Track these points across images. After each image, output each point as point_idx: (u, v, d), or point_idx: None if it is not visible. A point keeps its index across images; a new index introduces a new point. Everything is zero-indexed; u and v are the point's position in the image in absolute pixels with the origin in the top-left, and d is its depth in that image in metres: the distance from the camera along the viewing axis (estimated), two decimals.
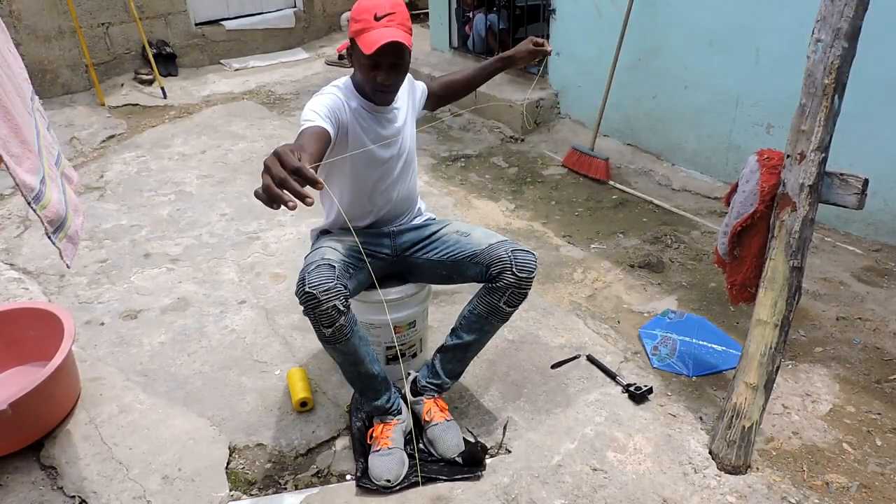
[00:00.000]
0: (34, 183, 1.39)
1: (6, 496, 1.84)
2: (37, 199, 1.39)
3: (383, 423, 1.93)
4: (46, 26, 4.88)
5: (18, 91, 1.55)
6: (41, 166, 1.46)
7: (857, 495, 1.81)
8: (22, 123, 1.43)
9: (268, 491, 1.87)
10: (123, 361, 2.37)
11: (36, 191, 1.39)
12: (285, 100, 5.16)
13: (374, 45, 1.66)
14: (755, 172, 1.89)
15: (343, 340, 1.71)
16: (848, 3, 1.62)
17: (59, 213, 1.47)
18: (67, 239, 1.50)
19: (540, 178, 3.86)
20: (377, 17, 1.69)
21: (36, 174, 1.41)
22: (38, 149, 1.50)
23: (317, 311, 1.64)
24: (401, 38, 1.68)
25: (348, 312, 1.69)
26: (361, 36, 1.70)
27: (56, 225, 1.45)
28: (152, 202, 3.56)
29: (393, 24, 1.70)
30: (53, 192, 1.48)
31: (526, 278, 1.80)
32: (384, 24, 1.69)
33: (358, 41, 1.71)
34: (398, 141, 1.93)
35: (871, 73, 2.63)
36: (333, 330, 1.67)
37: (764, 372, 1.85)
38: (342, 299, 1.66)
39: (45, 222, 1.42)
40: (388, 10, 1.70)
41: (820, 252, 2.97)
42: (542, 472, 1.89)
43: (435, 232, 1.99)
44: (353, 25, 1.74)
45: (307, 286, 1.63)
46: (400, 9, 1.72)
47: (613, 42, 3.69)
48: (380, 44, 1.66)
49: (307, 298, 1.63)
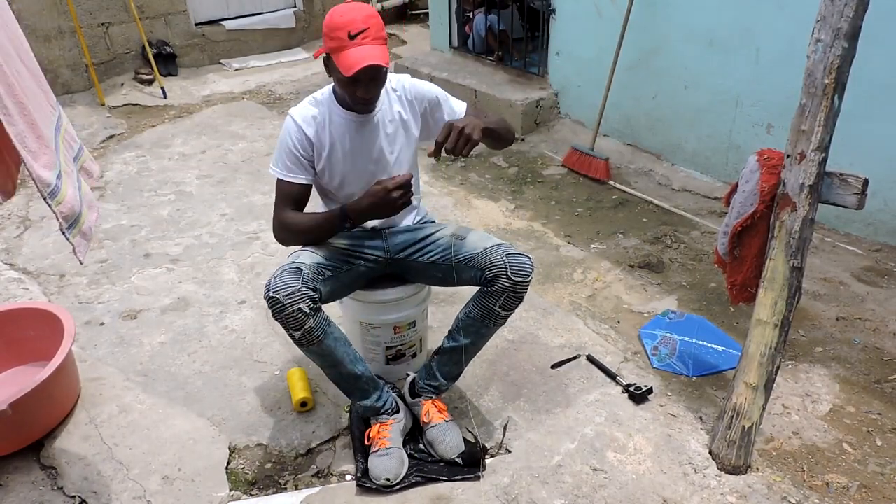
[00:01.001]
0: (50, 178, 1.40)
1: (6, 496, 1.84)
2: (52, 194, 1.40)
3: (379, 422, 1.93)
4: (46, 26, 4.88)
5: (41, 85, 1.56)
6: (57, 161, 1.47)
7: (857, 495, 1.81)
8: (40, 119, 1.44)
9: (268, 491, 1.87)
10: (123, 361, 2.37)
11: (52, 186, 1.40)
12: (285, 100, 5.16)
13: (352, 69, 1.65)
14: (755, 172, 1.89)
15: (315, 343, 1.73)
16: (848, 3, 1.62)
17: (74, 209, 1.48)
18: (81, 235, 1.51)
19: (540, 178, 3.86)
20: (351, 35, 1.66)
21: (52, 169, 1.42)
22: (55, 143, 1.51)
23: (282, 315, 1.67)
24: (378, 58, 1.66)
25: (316, 315, 1.71)
26: (338, 55, 1.68)
27: (70, 220, 1.46)
28: (152, 202, 3.56)
29: (367, 40, 1.67)
30: (69, 187, 1.49)
31: (521, 283, 1.80)
32: (359, 41, 1.66)
33: (335, 60, 1.69)
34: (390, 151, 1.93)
35: (871, 73, 2.63)
36: (302, 333, 1.70)
37: (764, 372, 1.85)
38: (308, 302, 1.67)
39: (60, 217, 1.43)
40: (362, 25, 1.66)
41: (820, 252, 2.97)
42: (542, 472, 1.89)
43: (430, 234, 1.98)
44: (327, 41, 1.71)
45: (271, 290, 1.67)
46: (373, 21, 1.69)
47: (613, 42, 3.69)
48: (357, 68, 1.65)
49: (272, 303, 1.67)
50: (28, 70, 1.50)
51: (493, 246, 1.84)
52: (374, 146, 1.89)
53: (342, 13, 1.67)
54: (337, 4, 1.76)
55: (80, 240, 1.50)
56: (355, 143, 1.87)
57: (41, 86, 1.57)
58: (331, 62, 1.73)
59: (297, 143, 1.83)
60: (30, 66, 1.52)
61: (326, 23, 1.70)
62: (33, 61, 1.57)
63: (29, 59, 1.54)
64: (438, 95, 1.97)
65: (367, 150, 1.89)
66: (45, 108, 1.53)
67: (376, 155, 1.90)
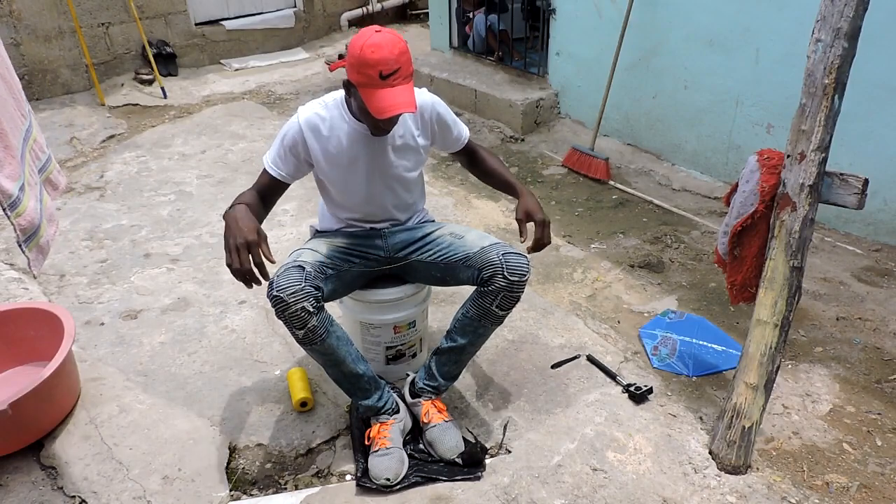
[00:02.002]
0: (12, 189, 1.38)
1: (6, 496, 1.84)
2: (13, 206, 1.38)
3: (380, 422, 1.93)
4: (46, 26, 4.88)
5: (13, 92, 1.54)
6: (21, 173, 1.45)
7: (857, 495, 1.81)
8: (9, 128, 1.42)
9: (268, 491, 1.87)
10: (123, 361, 2.37)
11: (13, 197, 1.38)
12: (285, 100, 5.16)
13: (384, 114, 1.61)
14: (755, 172, 1.89)
15: (318, 341, 1.73)
16: (848, 3, 1.62)
17: (33, 222, 1.46)
18: (38, 248, 1.49)
19: (540, 178, 3.86)
20: (383, 75, 1.59)
21: (15, 181, 1.40)
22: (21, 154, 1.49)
23: (286, 314, 1.67)
24: (410, 105, 1.62)
25: (319, 313, 1.71)
26: (368, 95, 1.62)
27: (28, 234, 1.44)
28: (152, 202, 3.56)
29: (398, 80, 1.61)
30: (30, 199, 1.47)
31: (517, 282, 1.80)
32: (390, 83, 1.60)
33: (363, 96, 1.63)
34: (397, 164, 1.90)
35: (871, 73, 2.63)
36: (306, 331, 1.70)
37: (764, 372, 1.85)
38: (312, 300, 1.68)
39: (18, 230, 1.41)
40: (394, 66, 1.59)
41: (820, 252, 2.97)
42: (542, 472, 1.89)
43: (429, 233, 1.99)
44: (355, 75, 1.63)
45: (274, 289, 1.67)
46: (405, 58, 1.62)
47: (613, 42, 3.69)
48: (390, 114, 1.61)
49: (275, 301, 1.67)
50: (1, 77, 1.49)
51: (489, 245, 1.85)
52: (382, 159, 1.87)
53: (373, 48, 1.58)
54: (365, 29, 1.65)
55: (36, 253, 1.48)
56: (362, 154, 1.85)
57: (14, 93, 1.54)
58: (355, 91, 1.68)
59: (291, 142, 1.83)
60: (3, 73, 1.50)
61: (356, 55, 1.61)
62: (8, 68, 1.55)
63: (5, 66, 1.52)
64: (449, 120, 1.97)
65: (375, 162, 1.87)
66: (15, 117, 1.51)
67: (383, 167, 1.89)
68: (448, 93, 4.84)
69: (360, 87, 1.64)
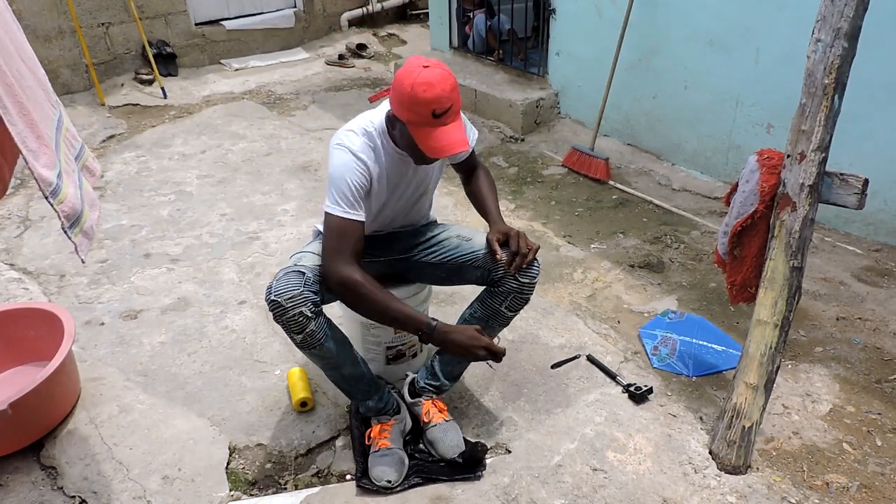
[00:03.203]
0: (51, 177, 1.40)
1: (6, 496, 1.84)
2: (54, 193, 1.40)
3: (380, 423, 1.93)
4: (46, 26, 4.88)
5: (42, 84, 1.56)
6: (57, 160, 1.48)
7: (857, 495, 1.81)
8: (40, 118, 1.44)
9: (268, 491, 1.87)
10: (123, 361, 2.37)
11: (53, 185, 1.40)
12: (285, 100, 5.15)
13: (440, 154, 1.59)
14: (755, 172, 1.89)
15: (316, 345, 1.72)
16: (848, 3, 1.62)
17: (76, 208, 1.48)
18: (83, 234, 1.51)
19: (540, 178, 3.86)
20: (436, 114, 1.54)
21: (52, 168, 1.43)
22: (55, 143, 1.51)
23: (284, 318, 1.65)
24: (464, 144, 1.59)
25: (317, 318, 1.69)
26: (421, 134, 1.58)
27: (72, 220, 1.46)
28: (152, 202, 3.56)
29: (451, 118, 1.58)
30: (69, 186, 1.49)
31: (528, 284, 1.80)
32: (444, 120, 1.56)
33: (416, 137, 1.59)
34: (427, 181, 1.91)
35: (871, 73, 2.63)
36: (304, 336, 1.68)
37: (764, 372, 1.85)
38: (310, 305, 1.66)
39: (62, 217, 1.43)
40: (447, 103, 1.54)
41: (820, 252, 2.97)
42: (542, 472, 1.89)
43: (435, 235, 1.99)
44: (406, 113, 1.57)
45: (273, 294, 1.65)
46: (456, 94, 1.58)
47: (613, 42, 3.69)
48: (446, 154, 1.58)
49: (273, 306, 1.65)
50: (29, 70, 1.51)
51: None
52: (415, 177, 1.86)
53: (425, 87, 1.53)
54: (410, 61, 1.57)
55: (81, 238, 1.50)
56: (399, 175, 1.82)
57: (42, 85, 1.57)
58: (403, 127, 1.62)
59: (361, 177, 1.69)
60: (31, 66, 1.52)
61: (405, 92, 1.55)
62: (34, 61, 1.57)
63: (29, 58, 1.54)
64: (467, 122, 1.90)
65: (409, 181, 1.86)
66: (45, 108, 1.54)
67: (415, 184, 1.88)
68: None
69: (410, 125, 1.59)
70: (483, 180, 2.06)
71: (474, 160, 2.07)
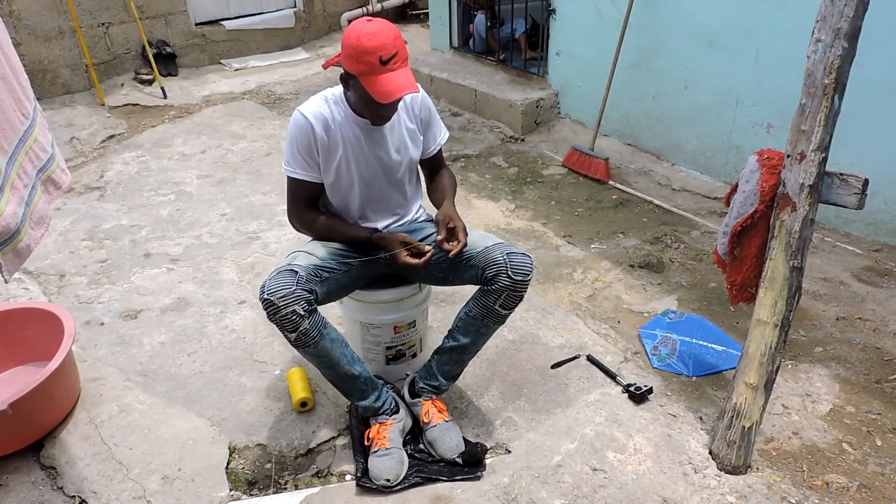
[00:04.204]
0: None
1: (6, 496, 1.84)
2: None
3: (379, 423, 1.93)
4: (46, 26, 4.88)
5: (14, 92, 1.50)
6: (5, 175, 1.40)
7: (857, 495, 1.81)
8: None
9: (268, 491, 1.87)
10: (123, 361, 2.37)
11: None
12: (285, 100, 5.16)
13: (390, 97, 1.66)
14: (755, 172, 1.89)
15: (311, 344, 1.73)
16: (848, 3, 1.62)
17: (9, 227, 1.39)
18: (14, 252, 1.43)
19: (540, 178, 3.86)
20: (383, 60, 1.63)
21: None
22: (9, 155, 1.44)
23: (277, 317, 1.68)
24: (412, 87, 1.68)
25: (311, 317, 1.71)
26: (370, 82, 1.66)
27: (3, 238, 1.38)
28: (152, 202, 3.56)
29: (398, 64, 1.66)
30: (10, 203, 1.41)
31: (521, 281, 1.80)
32: (391, 67, 1.64)
33: (365, 84, 1.67)
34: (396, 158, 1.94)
35: (871, 73, 2.63)
36: (297, 335, 1.70)
37: (764, 372, 1.85)
38: (303, 304, 1.68)
39: None
40: (392, 49, 1.64)
41: (820, 252, 2.97)
42: (542, 472, 1.89)
43: (431, 234, 1.99)
44: (353, 65, 1.67)
45: (265, 293, 1.68)
46: (400, 42, 1.67)
47: (613, 42, 3.69)
48: (396, 97, 1.65)
49: (266, 305, 1.68)
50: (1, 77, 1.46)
51: (493, 245, 1.85)
52: (382, 152, 1.91)
53: (370, 36, 1.63)
54: (355, 21, 1.72)
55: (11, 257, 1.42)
56: (364, 148, 1.88)
57: (14, 93, 1.51)
58: (355, 82, 1.71)
59: (310, 139, 1.82)
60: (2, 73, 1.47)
61: (352, 45, 1.65)
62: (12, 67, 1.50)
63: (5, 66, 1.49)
64: (435, 114, 2.02)
65: (376, 156, 1.90)
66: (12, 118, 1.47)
67: (384, 160, 1.92)
68: (448, 93, 4.84)
69: (360, 76, 1.67)
70: (446, 178, 2.09)
71: (441, 159, 2.10)
